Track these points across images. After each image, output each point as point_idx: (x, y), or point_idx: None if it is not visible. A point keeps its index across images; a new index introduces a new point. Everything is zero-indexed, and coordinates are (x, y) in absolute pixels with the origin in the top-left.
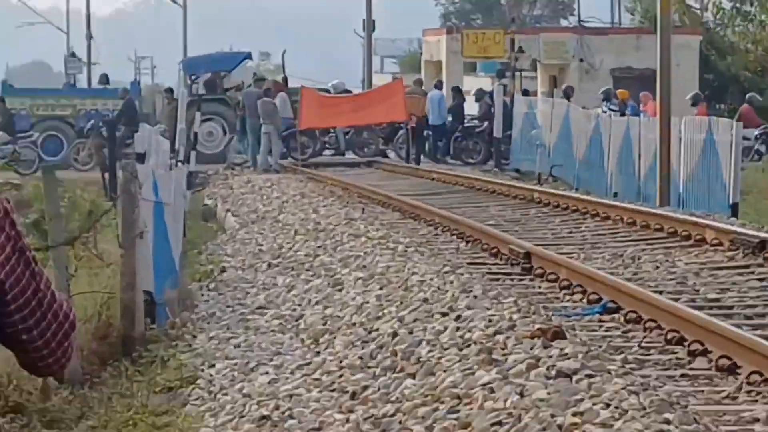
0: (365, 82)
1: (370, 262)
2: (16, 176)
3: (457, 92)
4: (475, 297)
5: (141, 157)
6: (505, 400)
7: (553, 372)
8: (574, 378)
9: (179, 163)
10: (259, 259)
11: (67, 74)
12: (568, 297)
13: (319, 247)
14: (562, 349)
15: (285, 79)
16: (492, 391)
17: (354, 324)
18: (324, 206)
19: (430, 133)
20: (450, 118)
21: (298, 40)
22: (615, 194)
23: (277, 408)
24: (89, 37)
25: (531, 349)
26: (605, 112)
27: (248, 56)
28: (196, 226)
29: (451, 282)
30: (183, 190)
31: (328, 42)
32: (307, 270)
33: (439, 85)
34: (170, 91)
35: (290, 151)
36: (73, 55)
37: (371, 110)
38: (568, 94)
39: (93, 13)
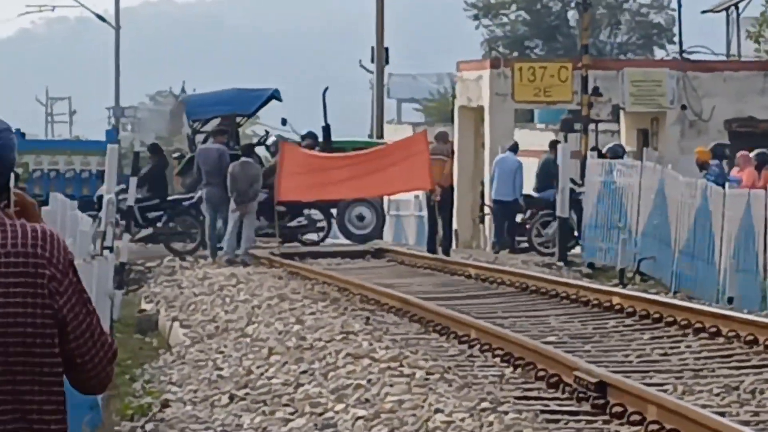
0: (374, 134)
1: (376, 394)
2: None
3: (513, 151)
4: None
5: None
6: None
7: None
8: None
9: (105, 252)
10: (218, 389)
11: None
12: None
13: (303, 372)
14: None
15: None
16: None
17: None
18: (312, 314)
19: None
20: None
21: (285, 72)
22: (730, 300)
23: None
24: None
25: None
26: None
27: (274, 94)
28: (130, 341)
29: (491, 425)
30: (109, 289)
31: (329, 76)
32: (286, 405)
33: (514, 148)
34: (155, 147)
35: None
36: None
37: (381, 176)
38: (617, 154)
39: None
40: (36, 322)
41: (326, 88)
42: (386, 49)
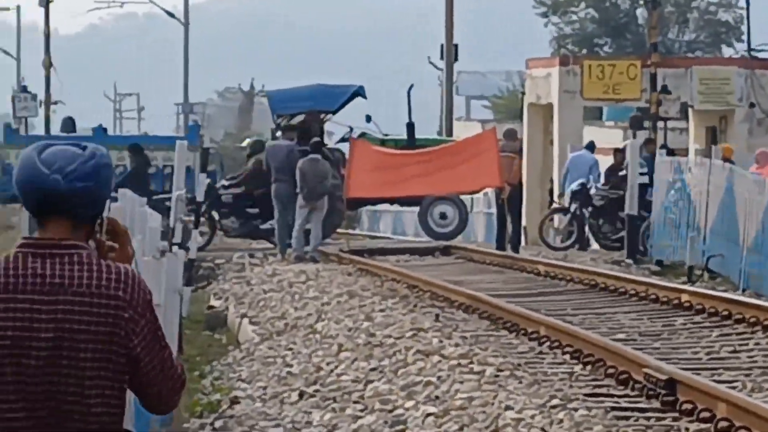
0: (443, 131)
1: (446, 391)
2: None
3: (589, 149)
4: None
5: None
6: None
7: None
8: None
9: (174, 248)
10: (288, 386)
11: (16, 117)
12: None
13: (373, 369)
14: None
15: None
16: None
17: None
18: (381, 311)
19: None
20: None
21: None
22: None
23: None
24: (48, 64)
25: None
26: None
27: (359, 91)
28: (198, 338)
29: (561, 422)
30: (178, 286)
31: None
32: (356, 402)
33: (591, 145)
34: (135, 148)
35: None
36: (24, 89)
37: (451, 173)
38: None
39: (54, 29)
40: (111, 358)
41: (411, 86)
42: (455, 46)
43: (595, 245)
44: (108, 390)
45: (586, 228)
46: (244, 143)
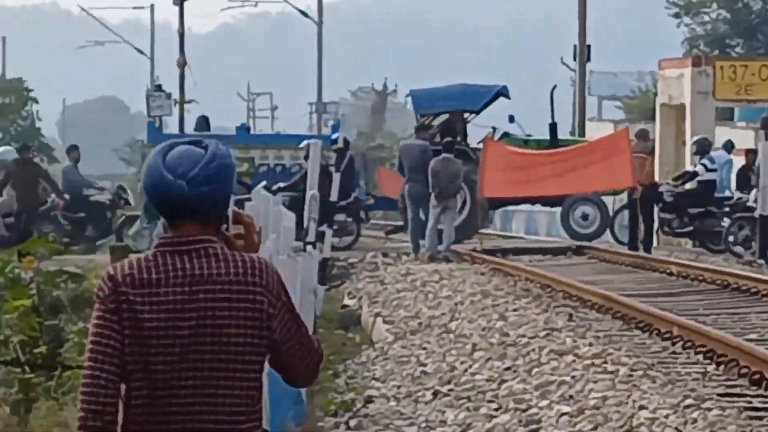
0: (575, 131)
1: (579, 391)
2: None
3: (727, 150)
4: None
5: None
6: None
7: None
8: None
9: (308, 247)
10: (422, 384)
11: (150, 116)
12: None
13: (506, 368)
14: None
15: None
16: None
17: None
18: (515, 311)
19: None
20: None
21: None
22: None
23: None
24: (182, 63)
25: None
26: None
27: (502, 91)
28: (332, 336)
29: (695, 421)
30: (313, 285)
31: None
32: (490, 401)
33: (728, 145)
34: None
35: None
36: (158, 88)
37: (584, 173)
38: (703, 147)
39: (188, 28)
40: (254, 342)
41: (554, 87)
42: (588, 47)
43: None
44: (252, 373)
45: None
46: (301, 145)
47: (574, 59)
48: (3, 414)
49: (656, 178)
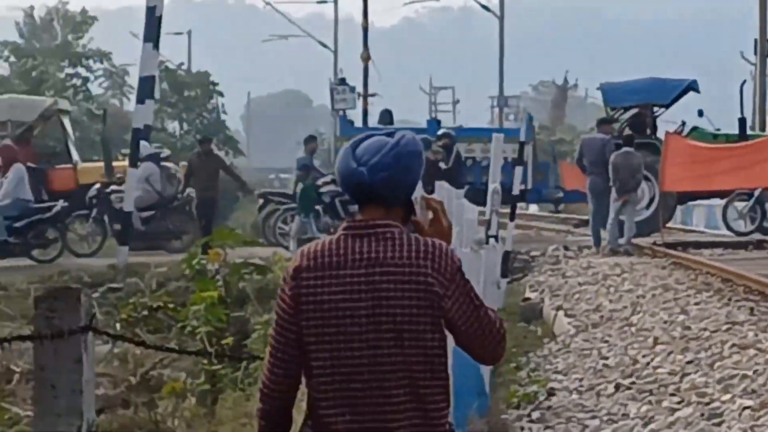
0: (755, 125)
1: (762, 384)
2: None
3: None
4: None
5: None
6: None
7: None
8: None
9: (491, 240)
10: (604, 377)
11: (334, 109)
12: None
13: (689, 362)
14: None
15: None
16: None
17: None
18: (696, 304)
19: None
20: None
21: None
22: None
23: None
24: (366, 56)
25: None
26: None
27: (692, 85)
28: (514, 329)
29: None
30: (497, 278)
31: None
32: (672, 395)
33: None
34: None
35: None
36: (342, 81)
37: (765, 167)
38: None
39: (371, 23)
40: (426, 321)
41: (744, 81)
42: None
43: None
44: (429, 350)
45: None
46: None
47: (755, 53)
48: (190, 404)
49: None
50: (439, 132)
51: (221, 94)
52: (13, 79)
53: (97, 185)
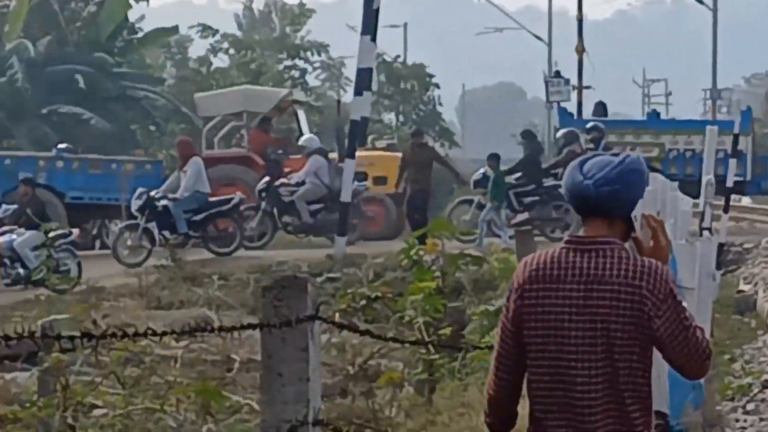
0: None
1: None
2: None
3: None
4: None
5: None
6: None
7: None
8: None
9: (705, 232)
10: None
11: (549, 101)
12: None
13: None
14: None
15: None
16: None
17: None
18: None
19: None
20: None
21: None
22: None
23: None
24: (581, 49)
25: None
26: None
27: None
28: (728, 321)
29: None
30: (711, 270)
31: None
32: None
33: None
34: (528, 134)
35: None
36: (557, 74)
37: None
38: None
39: (585, 15)
40: (636, 338)
41: None
42: None
43: None
44: (635, 363)
45: None
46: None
47: None
48: (407, 394)
49: None
50: (588, 125)
51: (437, 86)
52: (233, 71)
53: (266, 178)
